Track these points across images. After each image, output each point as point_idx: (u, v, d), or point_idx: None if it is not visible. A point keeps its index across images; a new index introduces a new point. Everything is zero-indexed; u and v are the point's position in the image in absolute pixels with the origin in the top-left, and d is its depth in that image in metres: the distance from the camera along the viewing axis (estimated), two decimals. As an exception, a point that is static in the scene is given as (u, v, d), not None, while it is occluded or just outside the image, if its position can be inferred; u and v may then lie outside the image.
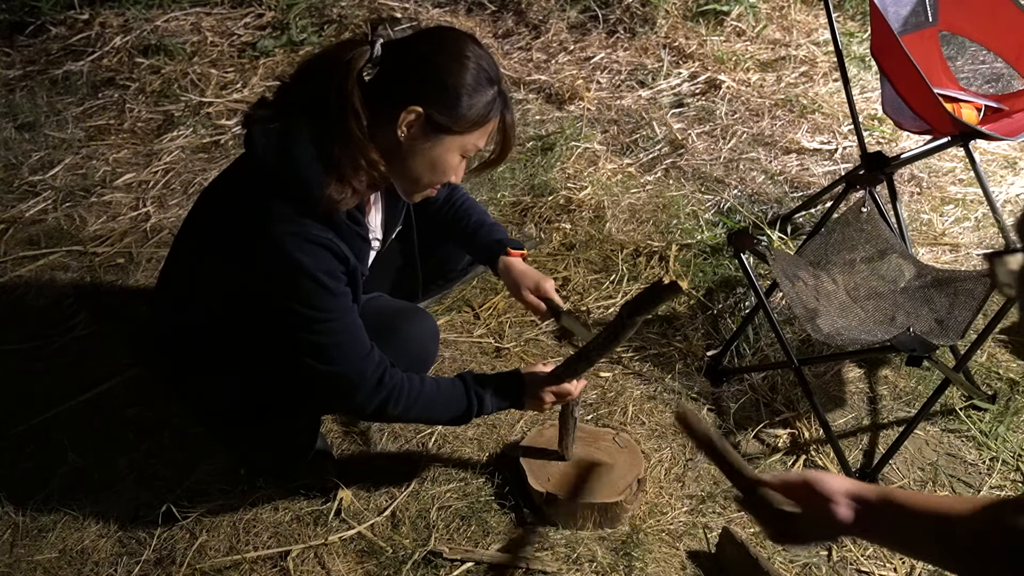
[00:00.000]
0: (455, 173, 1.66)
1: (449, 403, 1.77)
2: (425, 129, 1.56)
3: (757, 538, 1.93)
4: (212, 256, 1.68)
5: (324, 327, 1.61)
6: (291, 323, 1.60)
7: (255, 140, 1.57)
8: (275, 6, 4.00)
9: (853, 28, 4.06)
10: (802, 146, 3.30)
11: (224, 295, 1.69)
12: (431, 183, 1.67)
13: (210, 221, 1.73)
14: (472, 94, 1.55)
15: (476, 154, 1.68)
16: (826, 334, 2.06)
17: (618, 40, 3.96)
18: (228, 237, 1.64)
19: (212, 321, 1.73)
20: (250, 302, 1.63)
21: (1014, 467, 2.13)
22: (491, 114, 1.60)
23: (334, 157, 1.53)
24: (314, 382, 1.68)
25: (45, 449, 2.06)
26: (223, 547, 1.88)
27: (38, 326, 2.43)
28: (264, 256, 1.56)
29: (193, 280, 1.75)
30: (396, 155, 1.59)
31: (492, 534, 1.91)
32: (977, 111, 2.69)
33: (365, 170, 1.56)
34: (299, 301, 1.58)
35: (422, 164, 1.61)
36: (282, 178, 1.54)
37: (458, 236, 2.06)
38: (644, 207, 2.95)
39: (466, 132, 1.59)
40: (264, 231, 1.55)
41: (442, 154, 1.60)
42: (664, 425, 2.21)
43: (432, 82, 1.55)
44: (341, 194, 1.54)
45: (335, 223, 1.58)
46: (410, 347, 1.86)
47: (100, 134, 3.28)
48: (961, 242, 2.83)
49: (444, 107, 1.55)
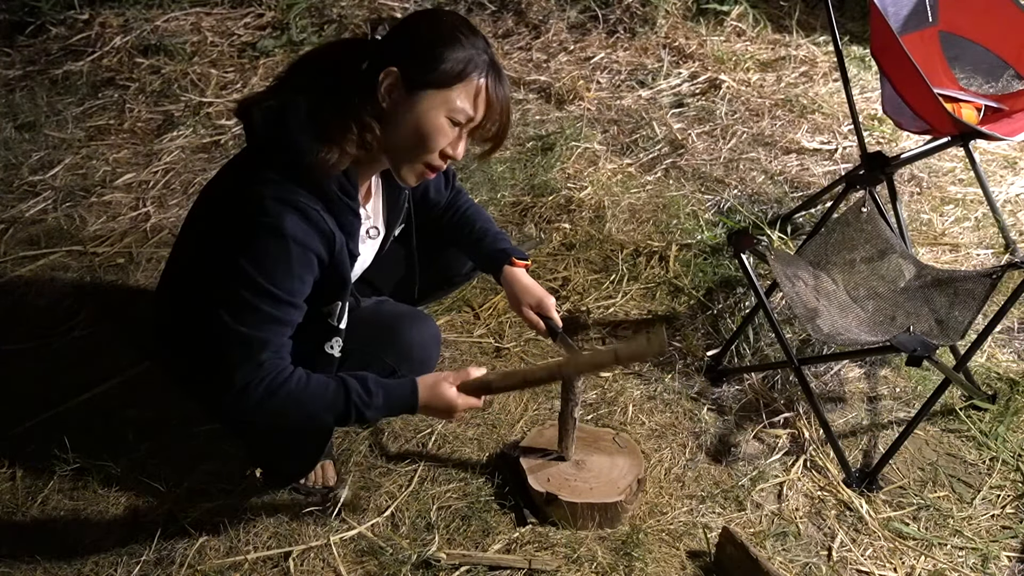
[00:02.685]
0: (448, 142, 1.58)
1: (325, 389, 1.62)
2: (403, 89, 1.53)
3: (757, 538, 1.93)
4: (209, 243, 1.65)
5: (263, 298, 1.54)
6: (235, 280, 1.54)
7: (253, 117, 1.58)
8: (275, 6, 4.01)
9: (853, 28, 4.06)
10: (802, 146, 3.30)
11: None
12: (421, 153, 1.58)
13: (207, 208, 1.73)
14: (448, 47, 1.52)
15: (474, 131, 1.60)
16: (826, 334, 2.06)
17: (618, 40, 3.97)
18: (220, 217, 1.63)
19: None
20: (215, 259, 1.57)
21: (1014, 467, 2.13)
22: (471, 70, 1.53)
23: (325, 123, 1.52)
24: (216, 343, 1.58)
25: (45, 449, 2.06)
26: (223, 547, 1.88)
27: (38, 326, 2.43)
28: (241, 210, 1.54)
29: (193, 275, 1.75)
30: (384, 125, 1.56)
31: (492, 534, 1.91)
32: (977, 111, 2.69)
33: (356, 134, 1.54)
34: (256, 262, 1.53)
35: (407, 129, 1.56)
36: (275, 148, 1.54)
37: (462, 242, 2.05)
38: (644, 207, 2.95)
39: (445, 86, 1.53)
40: (249, 191, 1.54)
41: (424, 113, 1.53)
42: (664, 425, 2.21)
43: (408, 42, 1.54)
44: (330, 154, 1.52)
45: (325, 193, 1.56)
46: (412, 351, 1.86)
47: (100, 134, 3.28)
48: (961, 242, 2.83)
49: (418, 62, 1.52)
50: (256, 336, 1.57)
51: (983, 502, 2.05)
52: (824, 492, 2.06)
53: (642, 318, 2.53)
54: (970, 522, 2.00)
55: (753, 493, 2.05)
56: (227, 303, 1.56)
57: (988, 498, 2.06)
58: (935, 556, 1.92)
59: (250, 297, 1.55)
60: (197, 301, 1.64)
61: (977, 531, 1.98)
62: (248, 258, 1.54)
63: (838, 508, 2.02)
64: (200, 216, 1.75)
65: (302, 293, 1.60)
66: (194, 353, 1.75)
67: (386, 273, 2.04)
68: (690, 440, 2.18)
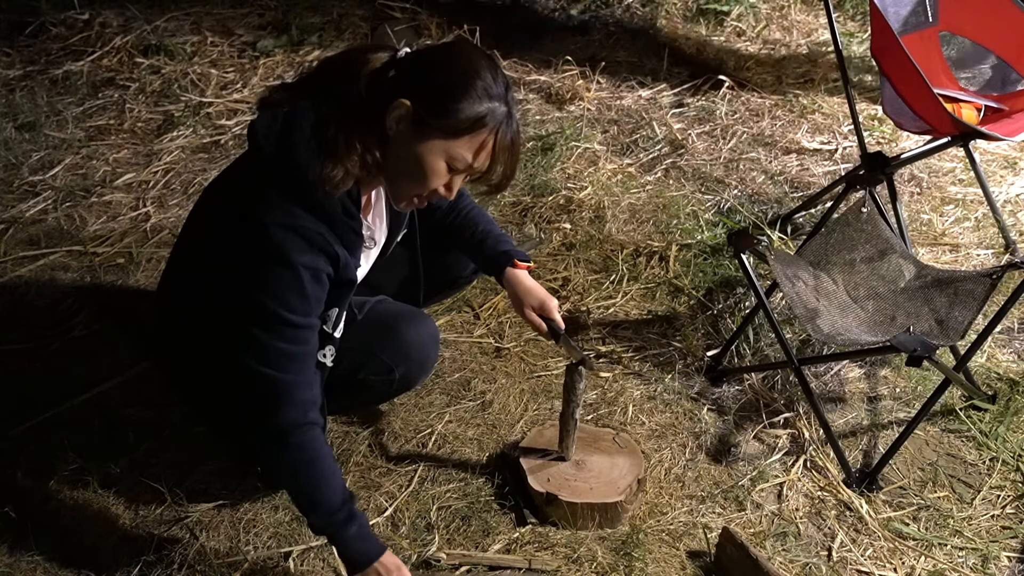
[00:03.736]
0: (442, 183, 1.58)
1: (332, 479, 1.63)
2: (411, 125, 1.53)
3: (757, 538, 1.93)
4: (219, 273, 1.65)
5: (283, 329, 1.56)
6: (251, 317, 1.56)
7: (257, 127, 1.57)
8: (275, 6, 4.01)
9: (853, 28, 4.06)
10: (802, 146, 3.30)
11: (215, 293, 1.66)
12: (415, 188, 1.59)
13: (207, 216, 1.73)
14: (465, 100, 1.50)
15: (473, 174, 1.61)
16: (826, 334, 2.06)
17: (618, 40, 3.96)
18: (221, 229, 1.62)
19: (207, 321, 1.72)
20: (228, 293, 1.58)
21: (1014, 467, 2.13)
22: (482, 126, 1.52)
23: (330, 139, 1.52)
24: (246, 386, 1.60)
25: (45, 449, 2.06)
26: (223, 547, 1.87)
27: (38, 326, 2.43)
28: (247, 241, 1.55)
29: (189, 281, 1.75)
30: (386, 150, 1.56)
31: (492, 534, 1.91)
32: (977, 111, 2.69)
33: (359, 154, 1.53)
34: (269, 292, 1.54)
35: (405, 162, 1.56)
36: (277, 164, 1.54)
37: (464, 244, 2.04)
38: (644, 207, 2.95)
39: (451, 137, 1.53)
40: (253, 217, 1.54)
41: (425, 155, 1.54)
42: (664, 425, 2.21)
43: (427, 80, 1.53)
44: (333, 172, 1.51)
45: (330, 215, 1.56)
46: (411, 351, 1.86)
47: (100, 134, 3.28)
48: (961, 242, 2.83)
49: (431, 105, 1.51)
50: (287, 379, 1.58)
51: (983, 502, 2.05)
52: (824, 492, 2.06)
53: (642, 319, 2.53)
54: (970, 522, 2.00)
55: (753, 493, 2.05)
56: (250, 345, 1.57)
57: (988, 498, 2.06)
58: (935, 556, 1.92)
59: (270, 336, 1.57)
60: (214, 332, 1.66)
61: (977, 531, 1.98)
62: (263, 292, 1.55)
63: (838, 508, 2.02)
64: (203, 227, 1.74)
65: (317, 311, 1.62)
66: (194, 359, 1.75)
67: (391, 276, 2.04)
68: (690, 440, 2.18)
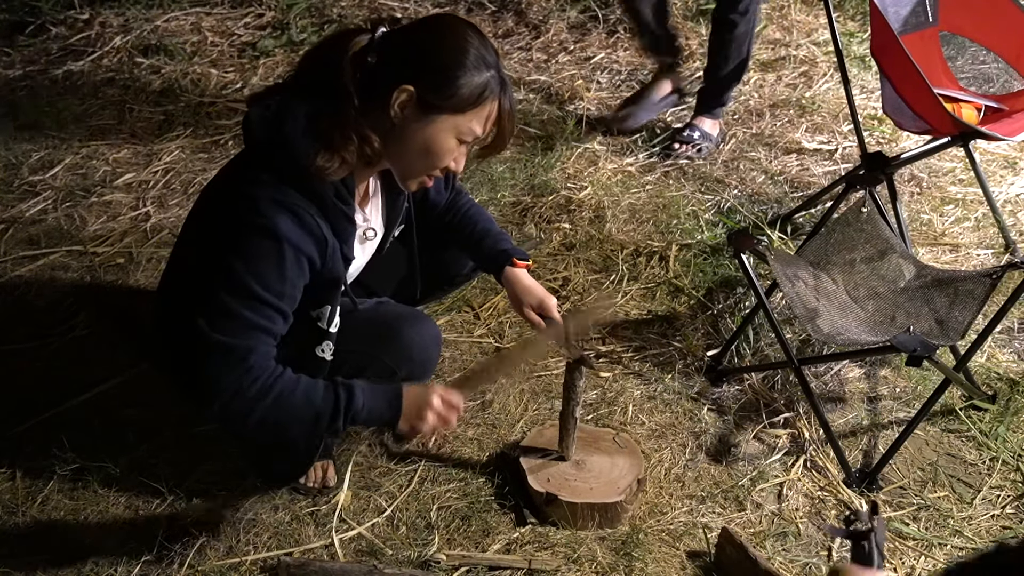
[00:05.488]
0: (452, 159, 1.61)
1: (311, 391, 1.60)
2: (417, 109, 1.54)
3: (757, 538, 1.93)
4: (202, 244, 1.65)
5: (250, 301, 1.52)
6: (217, 279, 1.53)
7: (251, 117, 1.57)
8: (275, 6, 4.01)
9: (853, 28, 4.05)
10: (802, 146, 3.30)
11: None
12: (426, 168, 1.62)
13: (204, 210, 1.73)
14: (465, 74, 1.53)
15: (480, 144, 1.65)
16: (826, 334, 2.06)
17: (618, 40, 3.96)
18: (214, 217, 1.62)
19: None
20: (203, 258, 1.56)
21: (1014, 467, 2.13)
22: (486, 96, 1.55)
23: (324, 130, 1.52)
24: (196, 351, 1.55)
25: (45, 449, 2.06)
26: (223, 547, 1.88)
27: (38, 326, 2.43)
28: (234, 210, 1.54)
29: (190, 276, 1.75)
30: (391, 137, 1.57)
31: (492, 534, 1.91)
32: (977, 111, 2.69)
33: (356, 144, 1.54)
34: (242, 256, 1.52)
35: (415, 146, 1.58)
36: (271, 150, 1.54)
37: (463, 243, 2.05)
38: (644, 207, 2.95)
39: (459, 112, 1.55)
40: (243, 192, 1.53)
41: (435, 135, 1.56)
42: (664, 425, 2.21)
43: (425, 61, 1.54)
44: (329, 162, 1.52)
45: (320, 197, 1.56)
46: (412, 352, 1.85)
47: (100, 134, 3.28)
48: (961, 242, 2.83)
49: (436, 86, 1.53)
50: (239, 344, 1.54)
51: (983, 502, 2.05)
52: (824, 492, 2.06)
53: (642, 319, 2.54)
54: (970, 522, 2.00)
55: (753, 493, 2.05)
56: (209, 308, 1.54)
57: (988, 498, 2.06)
58: (935, 556, 1.92)
59: (234, 302, 1.53)
60: (184, 304, 1.62)
61: (977, 531, 1.98)
62: (239, 258, 1.53)
63: (838, 508, 2.02)
64: (198, 217, 1.75)
65: (291, 298, 1.58)
66: (182, 357, 1.75)
67: (387, 273, 2.04)
68: (690, 440, 2.18)
